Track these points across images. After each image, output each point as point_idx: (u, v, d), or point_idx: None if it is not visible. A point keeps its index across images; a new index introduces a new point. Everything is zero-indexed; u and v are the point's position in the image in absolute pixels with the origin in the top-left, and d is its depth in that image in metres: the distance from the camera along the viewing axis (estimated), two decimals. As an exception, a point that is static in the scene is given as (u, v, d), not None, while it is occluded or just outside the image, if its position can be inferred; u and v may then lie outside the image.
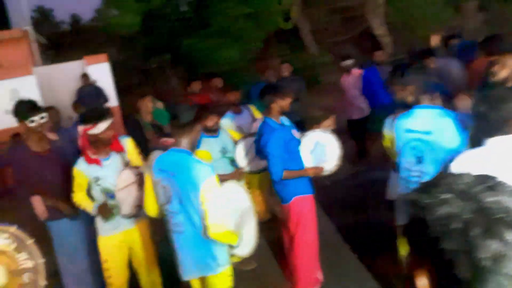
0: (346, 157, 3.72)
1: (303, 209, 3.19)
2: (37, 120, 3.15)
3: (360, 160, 5.99)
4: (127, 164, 3.10)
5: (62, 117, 5.31)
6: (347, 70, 6.05)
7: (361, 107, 5.95)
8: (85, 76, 8.92)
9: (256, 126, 4.34)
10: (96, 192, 3.05)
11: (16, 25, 11.59)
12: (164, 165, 2.49)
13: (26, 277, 2.28)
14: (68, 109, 7.80)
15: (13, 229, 2.42)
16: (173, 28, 12.25)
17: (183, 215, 2.41)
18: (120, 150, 3.10)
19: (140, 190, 2.95)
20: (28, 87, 8.66)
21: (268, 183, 3.76)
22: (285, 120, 3.37)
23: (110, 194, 3.02)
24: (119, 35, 13.96)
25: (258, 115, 4.70)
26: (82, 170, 3.00)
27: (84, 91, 8.76)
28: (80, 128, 2.94)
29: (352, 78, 6.00)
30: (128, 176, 3.02)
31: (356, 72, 6.01)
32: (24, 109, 3.16)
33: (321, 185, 3.51)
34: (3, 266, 2.20)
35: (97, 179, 3.01)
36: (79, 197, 3.07)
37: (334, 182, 3.57)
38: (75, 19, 29.18)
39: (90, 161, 2.98)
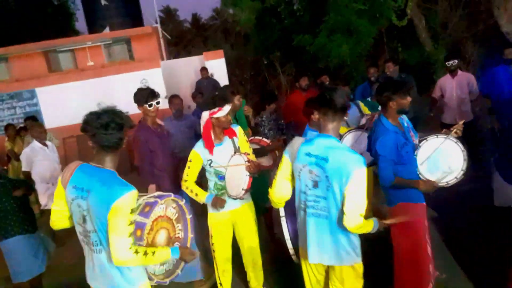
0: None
1: (411, 217, 2.97)
2: (154, 104, 3.65)
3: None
4: (237, 149, 3.34)
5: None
6: (451, 70, 5.74)
7: (467, 110, 5.69)
8: (204, 69, 9.69)
9: (364, 121, 4.38)
10: (209, 174, 3.33)
11: (146, 23, 13.05)
12: (313, 150, 2.42)
13: (177, 245, 2.51)
14: (187, 99, 8.58)
15: (182, 202, 2.77)
16: (285, 25, 12.58)
17: (329, 201, 2.36)
18: (233, 135, 3.34)
19: (248, 175, 3.16)
20: (155, 78, 9.72)
21: (373, 180, 3.68)
22: (404, 120, 3.16)
23: (220, 176, 3.30)
24: (234, 32, 14.77)
25: (366, 111, 4.73)
26: (199, 152, 3.26)
27: (203, 83, 9.55)
28: (206, 113, 3.20)
29: (457, 80, 5.72)
30: (239, 161, 3.23)
31: (464, 74, 5.76)
32: (145, 94, 3.66)
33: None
34: (165, 231, 2.50)
35: (210, 161, 3.26)
36: (191, 185, 3.31)
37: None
38: (195, 18, 31.53)
39: (207, 145, 3.24)
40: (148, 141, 3.72)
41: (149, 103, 3.63)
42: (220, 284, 3.51)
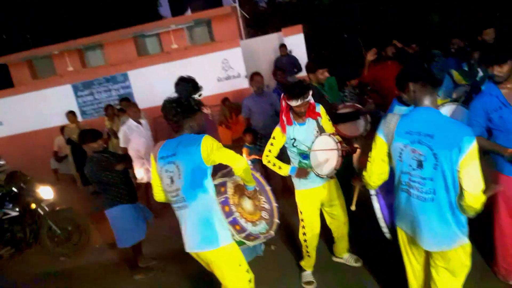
0: None
1: (505, 190, 2.81)
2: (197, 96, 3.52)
3: None
4: (321, 129, 3.35)
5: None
6: None
7: None
8: (283, 46, 9.62)
9: (456, 94, 4.09)
10: (293, 152, 3.39)
11: (225, 3, 13.23)
12: (415, 127, 2.23)
13: (264, 214, 2.83)
14: (266, 77, 8.62)
15: (258, 175, 3.00)
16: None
17: (437, 181, 2.17)
18: (315, 116, 3.34)
19: (340, 156, 3.17)
20: (235, 58, 9.90)
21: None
22: None
23: (304, 155, 3.34)
24: (313, 9, 14.39)
25: (461, 80, 4.43)
26: (281, 130, 3.33)
27: (281, 61, 9.49)
28: (283, 96, 3.28)
29: None
30: (327, 142, 3.25)
31: None
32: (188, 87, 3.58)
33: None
34: (248, 199, 2.82)
35: (293, 140, 3.32)
36: (273, 159, 3.41)
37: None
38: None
39: (285, 123, 3.32)
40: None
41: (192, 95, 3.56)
42: (306, 256, 3.61)
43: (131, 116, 5.81)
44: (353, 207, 2.93)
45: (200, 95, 3.71)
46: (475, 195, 2.09)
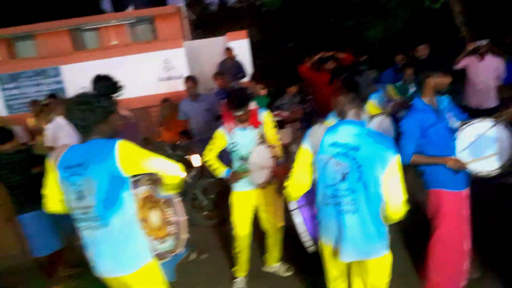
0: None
1: (442, 204, 2.88)
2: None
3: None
4: (262, 137, 3.38)
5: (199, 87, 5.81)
6: (479, 52, 5.47)
7: (493, 96, 5.51)
8: (228, 49, 9.51)
9: (391, 106, 4.24)
10: (234, 157, 3.44)
11: (171, 3, 12.89)
12: (340, 139, 2.22)
13: (171, 229, 2.61)
14: (211, 79, 8.46)
15: None
16: (314, 6, 12.21)
17: (359, 193, 2.18)
18: (257, 124, 3.37)
19: (270, 168, 3.23)
20: (178, 58, 9.62)
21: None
22: (443, 101, 3.02)
23: (244, 160, 3.37)
24: (260, 15, 14.45)
25: (394, 95, 4.59)
26: (222, 134, 3.39)
27: (226, 64, 9.37)
28: (224, 102, 3.31)
29: (484, 64, 5.46)
30: (263, 153, 3.30)
31: (492, 59, 5.47)
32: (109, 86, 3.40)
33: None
34: (156, 213, 2.55)
35: (234, 144, 3.37)
36: (211, 160, 3.46)
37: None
38: (222, 1, 31.33)
39: (227, 127, 3.37)
40: None
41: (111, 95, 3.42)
42: (238, 260, 3.58)
43: (61, 113, 5.38)
44: (280, 223, 2.88)
45: (119, 96, 3.47)
46: (397, 206, 2.15)
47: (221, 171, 3.42)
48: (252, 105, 3.35)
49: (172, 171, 2.25)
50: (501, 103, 5.63)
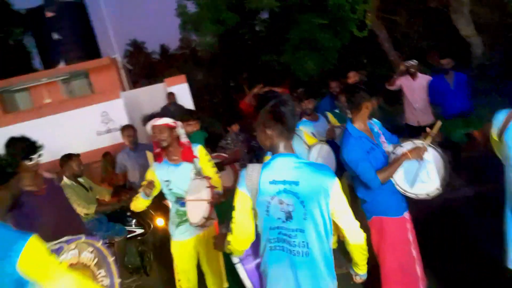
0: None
1: (386, 232, 2.80)
2: (35, 158, 3.00)
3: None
4: (198, 172, 3.13)
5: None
6: (411, 73, 5.75)
7: (428, 113, 5.75)
8: (171, 94, 9.40)
9: (329, 133, 4.23)
10: (169, 196, 3.18)
11: (105, 55, 12.67)
12: (277, 175, 1.99)
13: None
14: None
15: (99, 244, 2.46)
16: (249, 46, 12.47)
17: (308, 232, 1.95)
18: (190, 159, 3.14)
19: (209, 203, 2.93)
20: (116, 109, 9.32)
21: (348, 193, 3.43)
22: (375, 126, 3.00)
23: (181, 202, 3.11)
24: (202, 59, 14.62)
25: (335, 122, 4.60)
26: (155, 172, 3.14)
27: (168, 108, 9.21)
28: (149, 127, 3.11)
29: (418, 82, 5.74)
30: (198, 186, 3.02)
31: (424, 76, 5.79)
32: (24, 147, 3.00)
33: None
34: (86, 277, 2.23)
35: (168, 183, 3.11)
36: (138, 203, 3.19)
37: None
38: (163, 49, 31.65)
39: (157, 159, 3.15)
40: (22, 204, 3.21)
41: (28, 157, 2.97)
42: None
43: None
44: (225, 285, 2.63)
45: (39, 156, 3.15)
46: (358, 233, 2.06)
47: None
48: (185, 140, 3.17)
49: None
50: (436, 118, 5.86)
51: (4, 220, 1.86)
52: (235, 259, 2.28)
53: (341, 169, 3.35)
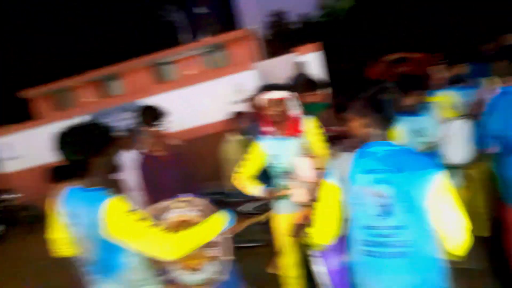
0: None
1: None
2: (158, 125, 3.34)
3: None
4: (306, 148, 2.93)
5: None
6: None
7: None
8: (297, 64, 9.24)
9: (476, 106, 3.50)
10: (273, 170, 3.03)
11: (245, 26, 13.03)
12: (375, 164, 1.77)
13: (216, 251, 2.34)
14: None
15: (205, 202, 2.51)
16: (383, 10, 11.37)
17: (412, 228, 1.70)
18: (297, 133, 2.98)
19: (313, 183, 2.72)
20: (249, 80, 9.57)
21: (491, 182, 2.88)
22: None
23: (285, 176, 2.96)
24: (340, 25, 14.02)
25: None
26: (261, 144, 3.02)
27: (297, 79, 9.06)
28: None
29: None
30: (305, 164, 2.83)
31: None
32: (152, 114, 3.34)
33: None
34: None
35: (274, 157, 2.98)
36: (243, 178, 3.09)
37: None
38: (303, 18, 31.91)
39: (266, 133, 3.02)
40: (147, 167, 3.45)
41: (153, 123, 3.33)
42: None
43: (131, 147, 5.54)
44: None
45: (163, 123, 3.37)
46: (459, 237, 1.68)
47: (257, 189, 3.01)
48: (294, 112, 2.96)
49: (160, 255, 1.83)
50: None
51: (107, 183, 1.93)
52: (315, 252, 2.05)
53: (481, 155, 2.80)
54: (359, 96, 1.80)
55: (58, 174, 3.86)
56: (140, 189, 3.59)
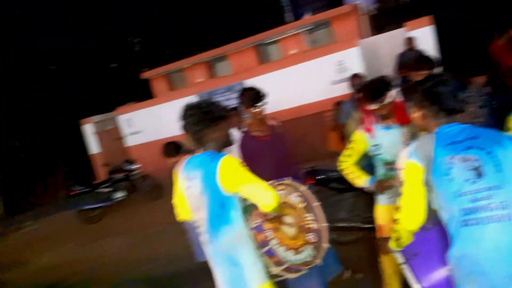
0: None
1: None
2: (259, 106, 3.39)
3: None
4: (413, 136, 2.72)
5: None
6: None
7: None
8: (409, 40, 8.67)
9: None
10: (376, 161, 2.96)
11: (350, 2, 12.52)
12: (456, 136, 1.83)
13: (311, 236, 2.39)
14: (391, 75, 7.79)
15: (303, 188, 2.60)
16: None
17: (506, 188, 1.67)
18: (405, 121, 2.77)
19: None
20: (352, 58, 9.25)
21: None
22: None
23: (390, 167, 2.85)
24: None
25: None
26: (362, 135, 2.96)
27: (406, 55, 8.53)
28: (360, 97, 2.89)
29: None
30: None
31: None
32: (251, 95, 3.42)
33: None
34: (292, 217, 2.36)
35: (377, 147, 2.90)
36: (349, 166, 3.05)
37: None
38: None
39: (367, 129, 2.92)
40: (246, 146, 3.51)
41: (252, 104, 3.39)
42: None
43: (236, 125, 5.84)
44: None
45: (263, 104, 3.46)
46: None
47: (362, 180, 2.97)
48: (395, 98, 2.81)
49: (263, 201, 2.07)
50: None
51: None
52: (400, 258, 1.98)
53: None
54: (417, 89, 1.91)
55: (171, 149, 4.27)
56: None
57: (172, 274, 5.19)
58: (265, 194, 2.05)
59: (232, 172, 2.09)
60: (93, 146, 13.34)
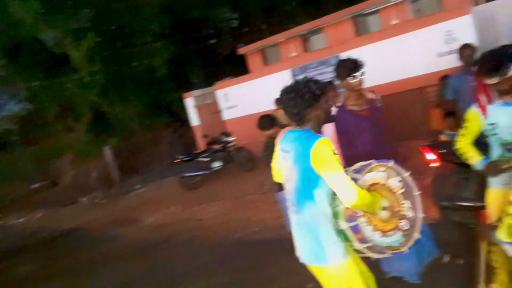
0: None
1: None
2: (357, 76, 3.27)
3: None
4: None
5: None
6: None
7: None
8: (529, 7, 7.56)
9: None
10: (492, 142, 2.75)
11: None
12: None
13: (403, 223, 2.35)
14: None
15: (406, 174, 2.49)
16: None
17: None
18: None
19: None
20: (463, 28, 8.37)
21: None
22: None
23: (508, 147, 2.65)
24: None
25: None
26: (477, 113, 2.74)
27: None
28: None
29: None
30: None
31: None
32: (347, 66, 3.29)
33: None
34: (388, 201, 2.32)
35: (493, 126, 2.67)
36: (465, 146, 2.84)
37: None
38: None
39: (486, 102, 2.71)
40: (342, 121, 3.37)
41: (352, 75, 3.27)
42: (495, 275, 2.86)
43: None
44: None
45: (362, 75, 3.33)
46: None
47: (475, 160, 2.77)
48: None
49: (344, 195, 2.11)
50: None
51: (317, 131, 2.35)
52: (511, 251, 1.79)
53: None
54: None
55: (266, 122, 4.39)
56: (334, 142, 3.77)
57: (265, 241, 5.42)
58: (348, 189, 2.09)
59: (323, 156, 2.15)
60: (194, 118, 14.23)
